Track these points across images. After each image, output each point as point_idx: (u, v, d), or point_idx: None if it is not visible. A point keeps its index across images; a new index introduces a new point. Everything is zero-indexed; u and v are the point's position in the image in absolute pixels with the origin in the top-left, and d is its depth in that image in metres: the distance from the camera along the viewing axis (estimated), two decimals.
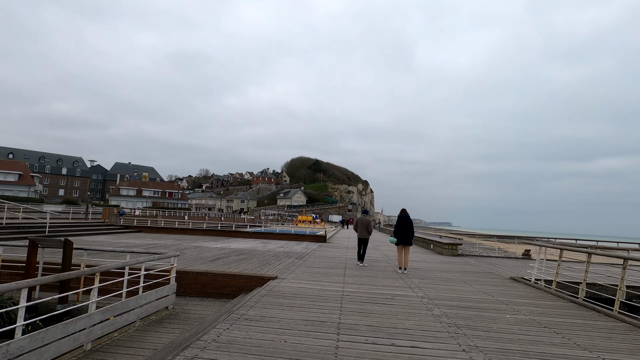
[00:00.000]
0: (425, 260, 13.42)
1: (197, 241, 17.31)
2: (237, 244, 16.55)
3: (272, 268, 9.56)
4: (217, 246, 15.20)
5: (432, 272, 10.42)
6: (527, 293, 7.77)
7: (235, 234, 21.18)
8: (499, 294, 7.51)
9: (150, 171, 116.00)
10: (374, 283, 8.03)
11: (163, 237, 19.14)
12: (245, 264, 10.09)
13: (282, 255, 12.94)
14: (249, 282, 7.71)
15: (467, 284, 8.62)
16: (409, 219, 10.13)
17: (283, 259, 11.66)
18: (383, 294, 6.90)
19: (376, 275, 9.16)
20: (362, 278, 8.65)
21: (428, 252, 17.26)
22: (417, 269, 10.93)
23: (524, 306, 6.44)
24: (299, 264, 10.76)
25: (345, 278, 8.51)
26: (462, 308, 6.05)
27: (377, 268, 10.60)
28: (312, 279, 8.12)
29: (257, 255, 12.58)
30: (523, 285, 8.85)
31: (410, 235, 10.01)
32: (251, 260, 11.13)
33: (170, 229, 21.80)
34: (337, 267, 10.32)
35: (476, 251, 17.55)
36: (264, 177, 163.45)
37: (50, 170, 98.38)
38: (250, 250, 14.23)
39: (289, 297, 6.18)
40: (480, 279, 9.55)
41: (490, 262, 14.07)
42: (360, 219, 11.26)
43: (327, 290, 6.91)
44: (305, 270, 9.54)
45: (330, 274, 8.99)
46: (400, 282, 8.30)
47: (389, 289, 7.45)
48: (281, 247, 16.26)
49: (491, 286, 8.43)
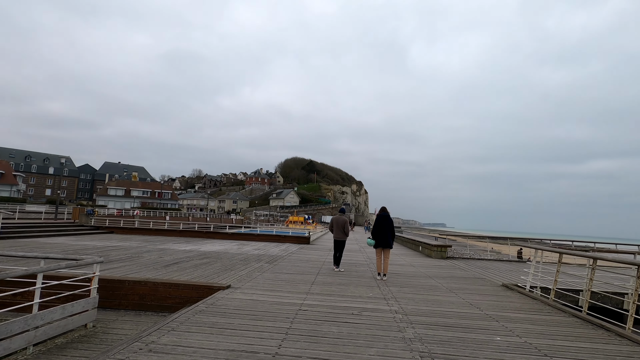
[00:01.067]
0: (411, 264, 12.29)
1: (168, 243, 16.02)
2: (210, 246, 15.30)
3: (231, 275, 8.36)
4: (185, 249, 13.93)
5: (416, 278, 9.28)
6: (522, 305, 6.65)
7: (213, 235, 19.90)
8: (488, 306, 6.38)
9: (140, 171, 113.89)
10: (344, 293, 6.87)
11: (132, 238, 17.82)
12: (204, 270, 8.88)
13: (253, 259, 11.73)
14: (194, 293, 6.50)
15: (452, 292, 7.49)
16: (388, 219, 8.99)
17: (251, 264, 10.46)
18: (350, 307, 5.73)
19: (350, 283, 7.99)
20: (332, 286, 7.48)
21: (416, 255, 16.16)
22: (399, 274, 9.79)
23: (518, 323, 5.31)
24: (267, 269, 9.57)
25: (312, 287, 7.34)
26: (443, 327, 4.90)
27: (355, 274, 9.44)
28: (271, 289, 6.93)
29: (224, 259, 11.36)
30: (517, 294, 7.74)
31: (390, 236, 8.87)
32: (214, 265, 9.91)
33: (144, 230, 20.48)
34: (309, 273, 9.14)
35: (467, 253, 16.48)
36: (257, 178, 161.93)
37: (37, 170, 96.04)
38: (220, 253, 12.99)
39: (229, 315, 4.98)
40: (469, 286, 8.43)
41: (482, 265, 12.99)
42: (335, 219, 10.10)
43: (282, 304, 5.73)
44: (269, 277, 8.34)
45: (297, 282, 7.81)
46: (376, 292, 7.15)
47: (359, 300, 6.29)
48: (257, 249, 15.04)
49: (480, 296, 7.31)
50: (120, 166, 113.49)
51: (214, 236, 19.81)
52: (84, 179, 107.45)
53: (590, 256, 6.19)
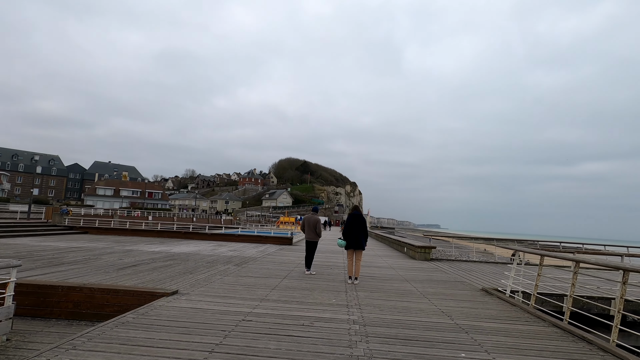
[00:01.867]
0: (391, 266, 11.67)
1: (140, 244, 15.24)
2: (184, 247, 14.56)
3: (188, 279, 7.66)
4: (154, 250, 13.18)
5: (391, 281, 8.65)
6: (499, 312, 6.04)
7: (192, 235, 19.13)
8: (461, 314, 5.76)
9: (131, 170, 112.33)
10: (304, 300, 6.21)
11: (105, 239, 17.00)
12: (159, 274, 8.17)
13: (223, 260, 11.03)
14: (135, 300, 5.80)
15: (426, 298, 6.87)
16: (360, 218, 8.35)
17: (217, 266, 9.76)
18: (303, 317, 5.08)
19: (316, 288, 7.34)
20: (294, 292, 6.82)
21: (400, 256, 15.55)
22: (375, 277, 9.16)
23: (490, 335, 4.70)
24: (232, 272, 8.88)
25: (271, 292, 6.67)
26: (402, 340, 4.27)
27: (326, 277, 8.78)
28: (224, 295, 6.25)
29: (191, 261, 10.65)
30: (495, 299, 7.14)
31: (362, 237, 8.23)
32: (175, 267, 9.20)
33: (120, 230, 19.65)
34: (276, 277, 8.47)
35: (452, 255, 15.91)
36: (251, 178, 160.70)
37: (24, 169, 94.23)
38: (190, 254, 12.27)
39: (156, 328, 4.30)
40: (446, 290, 7.82)
41: (466, 267, 12.41)
42: (307, 218, 9.44)
43: (227, 313, 5.06)
44: (229, 281, 7.66)
45: (258, 287, 7.14)
46: (341, 298, 6.50)
47: (318, 308, 5.64)
48: (233, 250, 14.33)
49: (455, 302, 6.69)
50: (110, 166, 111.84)
51: (192, 237, 19.04)
52: (73, 178, 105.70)
53: (573, 259, 5.61)
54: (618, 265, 4.66)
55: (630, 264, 4.44)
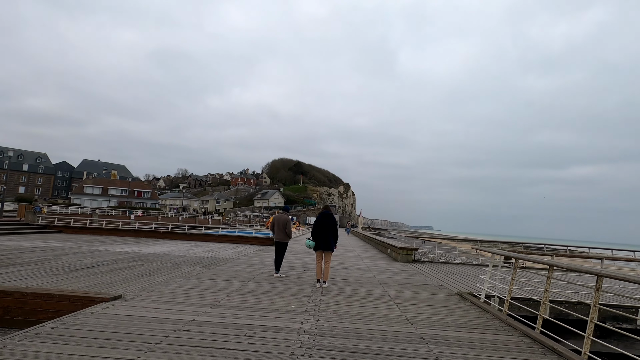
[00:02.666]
0: (369, 269, 11.23)
1: (111, 244, 14.63)
2: (157, 248, 13.98)
3: (142, 282, 7.14)
4: (124, 250, 12.60)
5: (363, 285, 8.20)
6: (468, 319, 5.62)
7: (170, 235, 18.53)
8: (428, 321, 5.33)
9: (121, 169, 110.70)
10: (260, 306, 5.73)
11: (77, 238, 16.34)
12: (114, 276, 7.63)
13: (191, 262, 10.51)
14: (71, 306, 5.28)
15: (394, 303, 6.43)
16: (331, 218, 7.89)
17: (183, 268, 9.23)
18: (249, 326, 4.60)
19: (278, 292, 6.86)
20: (253, 296, 6.34)
21: (383, 258, 15.14)
22: (348, 280, 8.71)
23: (452, 346, 4.27)
24: (196, 274, 8.36)
25: (227, 297, 6.18)
26: (351, 354, 3.82)
27: (295, 280, 8.31)
28: (173, 300, 5.75)
29: (157, 262, 10.11)
30: (469, 305, 6.73)
31: (332, 238, 7.77)
32: (135, 269, 8.65)
33: (96, 229, 18.98)
34: (240, 280, 7.98)
35: (435, 257, 15.53)
36: (243, 178, 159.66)
37: (10, 166, 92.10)
38: (160, 255, 11.71)
39: (72, 340, 3.79)
40: (418, 295, 7.39)
41: (447, 270, 12.02)
42: (277, 218, 8.96)
43: (164, 321, 4.56)
44: (188, 284, 7.15)
45: (215, 290, 6.64)
46: (302, 303, 6.03)
47: (271, 316, 5.16)
48: (208, 251, 13.79)
49: (425, 307, 6.27)
50: (99, 164, 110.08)
51: (171, 237, 18.44)
52: (60, 176, 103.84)
53: (547, 262, 5.21)
54: (590, 269, 4.26)
55: (603, 270, 4.04)
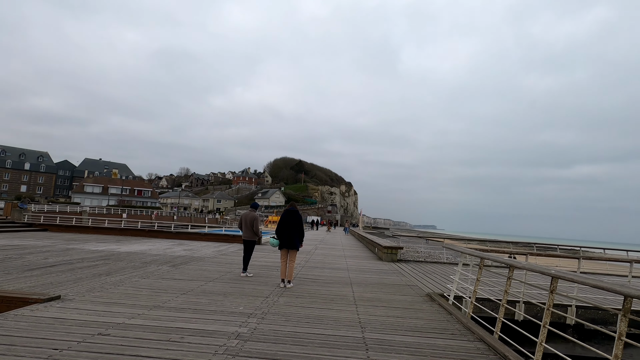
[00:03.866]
0: (348, 268, 10.90)
1: (90, 242, 14.40)
2: (136, 246, 13.73)
3: (94, 282, 6.86)
4: (99, 248, 12.35)
5: (332, 285, 7.87)
6: (427, 322, 5.28)
7: (156, 233, 18.30)
8: (381, 325, 5.00)
9: (122, 168, 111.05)
10: (205, 307, 5.42)
11: (59, 236, 16.13)
12: (71, 275, 7.35)
13: (163, 261, 10.23)
14: (4, 307, 4.99)
15: (354, 305, 6.10)
16: (296, 215, 7.56)
17: (149, 267, 8.95)
18: (180, 329, 4.29)
19: (235, 292, 6.55)
20: (205, 297, 6.03)
21: (369, 257, 14.79)
22: (317, 280, 8.38)
23: (395, 353, 3.93)
24: (159, 273, 8.08)
25: (178, 298, 5.88)
26: None
27: (260, 280, 8.00)
28: (115, 301, 5.45)
29: (126, 260, 9.84)
30: (435, 307, 6.38)
31: (296, 236, 7.45)
32: (98, 268, 8.38)
33: (81, 228, 18.79)
34: (203, 279, 7.68)
35: (421, 256, 15.15)
36: (245, 177, 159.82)
37: (12, 165, 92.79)
38: (133, 254, 11.44)
39: None
40: (386, 296, 7.05)
41: (429, 270, 11.66)
42: (244, 215, 8.65)
43: (89, 324, 4.26)
44: (143, 284, 6.86)
45: (169, 291, 6.35)
46: (253, 305, 5.72)
47: (210, 318, 4.85)
48: (188, 249, 13.51)
49: (387, 310, 5.93)
50: (101, 163, 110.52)
51: (156, 235, 18.23)
52: (62, 175, 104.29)
53: (506, 262, 4.85)
54: (542, 270, 3.90)
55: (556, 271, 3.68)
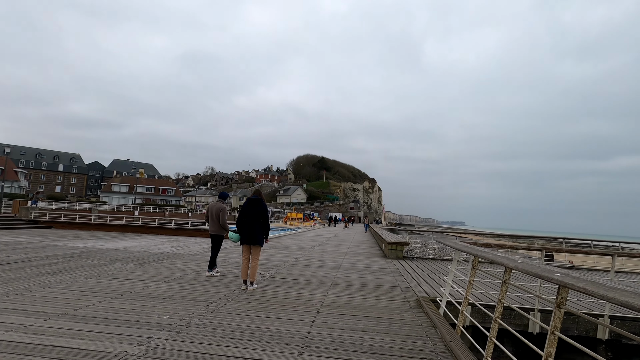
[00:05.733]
0: (340, 267, 9.71)
1: (82, 239, 14.00)
2: (125, 243, 13.16)
3: (29, 282, 6.09)
4: (81, 245, 11.82)
5: (307, 286, 6.74)
6: (398, 340, 4.06)
7: (156, 230, 17.86)
8: (331, 344, 3.84)
9: (148, 168, 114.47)
10: (122, 315, 4.45)
11: (56, 233, 15.93)
12: (16, 274, 6.65)
13: (134, 258, 9.46)
14: None
15: (317, 314, 4.95)
16: (259, 205, 6.46)
17: (113, 265, 8.18)
18: (51, 349, 3.32)
19: (180, 296, 5.55)
20: (133, 302, 5.07)
21: (373, 255, 13.52)
22: (294, 280, 7.28)
23: None
24: (114, 272, 7.26)
25: (101, 303, 4.96)
26: None
27: (221, 281, 6.99)
28: (17, 308, 4.59)
29: (97, 258, 9.14)
30: (419, 316, 5.11)
31: (259, 229, 6.36)
32: (56, 266, 7.67)
33: (84, 225, 18.66)
34: (157, 280, 6.76)
35: (431, 253, 13.67)
36: (267, 175, 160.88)
37: (47, 167, 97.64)
38: (112, 250, 10.79)
39: None
40: (364, 302, 5.84)
41: (435, 268, 10.27)
42: (210, 206, 7.65)
43: None
44: (79, 285, 6.02)
45: (103, 293, 5.45)
46: (188, 313, 4.70)
47: (110, 333, 3.86)
48: (177, 246, 12.78)
49: (353, 320, 4.75)
50: (128, 163, 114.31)
51: (157, 232, 17.77)
52: (93, 176, 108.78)
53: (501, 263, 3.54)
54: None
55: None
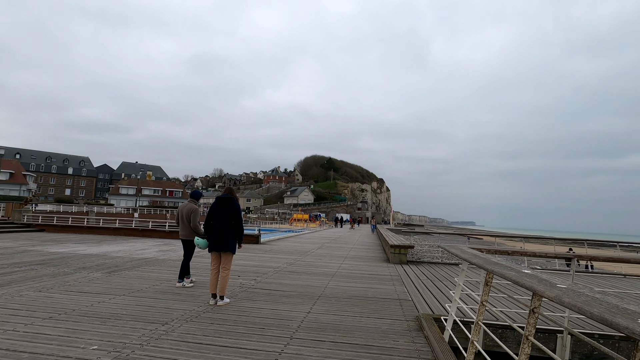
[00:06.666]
0: (335, 274, 8.70)
1: (66, 242, 13.24)
2: (110, 247, 12.35)
3: None
4: (59, 250, 11.03)
5: (286, 301, 5.76)
6: None
7: (149, 233, 17.06)
8: None
9: (156, 170, 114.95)
10: (30, 347, 3.54)
11: (46, 236, 15.23)
12: None
13: (107, 265, 8.60)
14: None
15: (289, 340, 3.97)
16: (229, 204, 5.48)
17: (79, 273, 7.31)
18: None
19: (129, 315, 4.63)
20: (67, 324, 4.15)
21: (374, 259, 12.46)
22: (276, 292, 6.29)
23: None
24: (74, 282, 6.38)
25: (25, 327, 4.06)
26: None
27: (190, 294, 6.05)
28: None
29: (67, 265, 8.30)
30: (419, 342, 4.08)
31: (229, 234, 5.37)
32: (13, 275, 6.83)
33: (77, 228, 17.97)
34: (116, 293, 5.86)
35: (438, 256, 12.53)
36: (275, 176, 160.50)
37: (57, 170, 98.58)
38: (90, 256, 9.96)
39: None
40: (353, 321, 4.82)
41: (442, 274, 9.18)
42: (180, 208, 6.71)
43: None
44: (15, 301, 5.14)
45: (36, 313, 4.55)
46: (123, 340, 3.76)
47: None
48: (163, 251, 11.91)
49: (332, 350, 3.75)
50: (137, 166, 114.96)
51: (150, 234, 16.99)
52: (102, 178, 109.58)
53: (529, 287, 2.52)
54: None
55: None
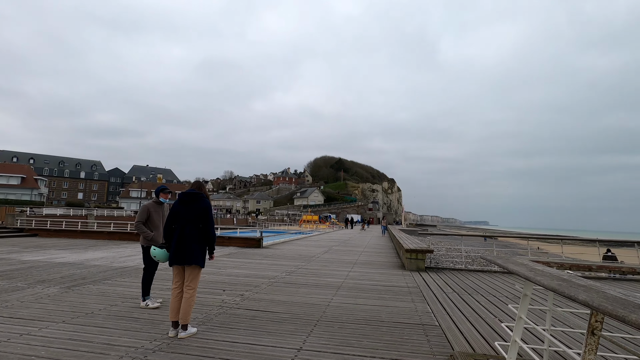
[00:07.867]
0: (340, 284, 7.31)
1: (48, 249, 12.18)
2: (96, 254, 11.23)
3: None
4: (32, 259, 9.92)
5: (273, 329, 4.42)
6: None
7: None
8: None
9: (167, 173, 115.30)
10: None
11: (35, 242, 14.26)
12: None
13: (74, 277, 7.40)
14: None
15: None
16: (197, 201, 4.15)
17: (31, 289, 6.12)
18: None
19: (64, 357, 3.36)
20: None
21: (387, 265, 11.02)
22: (260, 314, 4.96)
23: None
24: (14, 302, 5.18)
25: None
26: None
27: (154, 319, 4.77)
28: None
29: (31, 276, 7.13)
30: None
31: (195, 240, 4.05)
32: None
33: (70, 232, 17.04)
34: (57, 319, 4.62)
35: (460, 261, 10.90)
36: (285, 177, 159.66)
37: (69, 175, 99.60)
38: (70, 264, 8.81)
39: None
40: None
41: (471, 285, 7.67)
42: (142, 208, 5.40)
43: None
44: None
45: None
46: None
47: None
48: None
49: None
50: (147, 169, 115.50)
51: None
52: (114, 182, 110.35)
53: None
54: None
55: None
